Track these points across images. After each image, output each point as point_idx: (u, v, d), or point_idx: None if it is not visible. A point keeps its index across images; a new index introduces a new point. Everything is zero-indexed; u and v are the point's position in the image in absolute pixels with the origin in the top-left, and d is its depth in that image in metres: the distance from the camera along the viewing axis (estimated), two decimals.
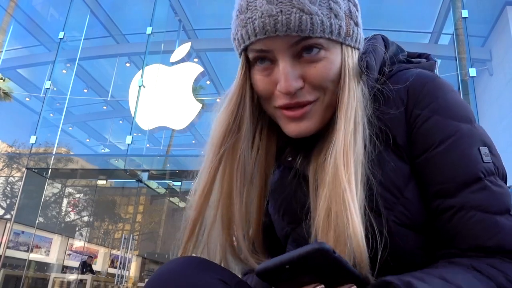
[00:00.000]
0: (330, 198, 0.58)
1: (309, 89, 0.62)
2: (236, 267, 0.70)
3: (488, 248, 0.54)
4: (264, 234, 0.73)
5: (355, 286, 0.46)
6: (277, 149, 0.73)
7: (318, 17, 0.59)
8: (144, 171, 8.94)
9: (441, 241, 0.59)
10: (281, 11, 0.58)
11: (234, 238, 0.67)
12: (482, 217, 0.55)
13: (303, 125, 0.63)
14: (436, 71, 0.73)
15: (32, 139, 8.35)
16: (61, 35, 9.19)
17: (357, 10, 0.66)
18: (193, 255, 0.66)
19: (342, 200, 0.56)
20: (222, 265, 0.67)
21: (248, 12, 0.61)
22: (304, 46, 0.60)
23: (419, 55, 0.76)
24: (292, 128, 0.64)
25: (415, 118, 0.62)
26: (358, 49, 0.67)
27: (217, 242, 0.68)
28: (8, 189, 12.24)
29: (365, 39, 0.71)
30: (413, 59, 0.73)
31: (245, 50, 0.65)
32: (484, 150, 0.59)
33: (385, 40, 0.73)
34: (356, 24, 0.65)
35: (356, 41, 0.65)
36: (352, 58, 0.64)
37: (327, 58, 0.61)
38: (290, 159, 0.70)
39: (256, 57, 0.64)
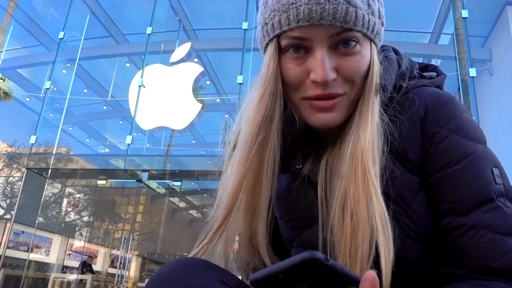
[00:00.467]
0: (348, 192, 0.59)
1: (341, 81, 0.61)
2: (235, 268, 0.70)
3: (494, 269, 0.54)
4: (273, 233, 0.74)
5: None
6: (286, 154, 0.71)
7: (361, 11, 0.59)
8: (144, 171, 8.95)
9: (448, 258, 0.59)
10: (329, 0, 0.57)
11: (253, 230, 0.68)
12: (492, 237, 0.55)
13: (331, 116, 0.63)
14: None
15: (32, 139, 8.35)
16: (61, 35, 9.19)
17: (383, 11, 0.66)
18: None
19: (364, 189, 0.57)
20: (232, 257, 0.69)
21: None
22: (343, 38, 0.60)
23: (426, 66, 0.77)
24: (319, 117, 0.63)
25: (432, 135, 0.62)
26: (377, 49, 0.68)
27: (237, 230, 0.68)
28: (8, 189, 12.24)
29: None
30: (425, 73, 0.73)
31: (278, 36, 0.63)
32: (496, 171, 0.60)
33: (396, 52, 0.74)
34: (382, 24, 0.66)
35: (380, 41, 0.67)
36: (376, 56, 0.65)
37: (360, 53, 0.62)
38: (299, 166, 0.69)
39: (290, 44, 0.62)
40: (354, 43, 0.61)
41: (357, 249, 0.57)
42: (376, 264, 0.56)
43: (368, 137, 0.60)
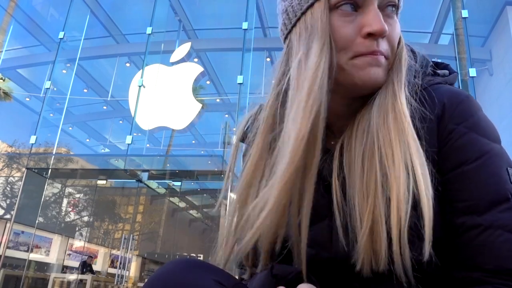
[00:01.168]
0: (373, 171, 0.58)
1: (385, 44, 0.63)
2: (234, 268, 0.70)
3: (510, 270, 0.53)
4: None
5: None
6: None
7: None
8: (144, 171, 8.94)
9: (461, 260, 0.58)
10: None
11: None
12: (508, 237, 0.54)
13: (380, 71, 0.62)
14: None
15: (32, 139, 8.35)
16: (61, 35, 9.19)
17: None
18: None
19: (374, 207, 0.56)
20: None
21: None
22: (389, 1, 0.63)
23: (437, 64, 0.76)
24: (369, 72, 0.61)
25: (449, 132, 0.61)
26: None
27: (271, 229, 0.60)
28: (8, 189, 12.24)
29: None
30: (438, 71, 0.73)
31: None
32: (511, 171, 0.59)
33: (411, 48, 0.73)
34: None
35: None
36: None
37: (397, 20, 0.65)
38: None
39: (341, 1, 0.61)
40: (397, 9, 0.65)
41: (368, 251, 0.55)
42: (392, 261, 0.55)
43: (402, 98, 0.60)
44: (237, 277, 0.72)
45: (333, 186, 0.63)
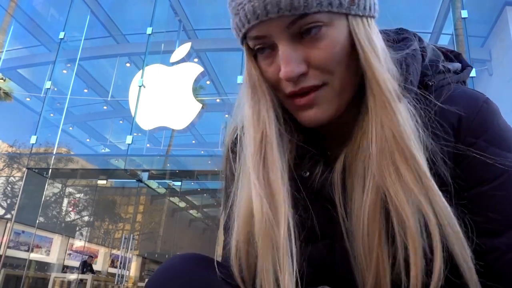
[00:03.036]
0: (383, 191, 0.52)
1: (315, 72, 0.55)
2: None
3: None
4: None
5: None
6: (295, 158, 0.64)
7: None
8: (144, 171, 8.95)
9: (481, 277, 0.53)
10: None
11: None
12: None
13: (313, 113, 0.56)
14: None
15: (33, 139, 8.36)
16: (61, 35, 9.20)
17: None
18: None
19: (412, 178, 0.50)
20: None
21: None
22: (302, 26, 0.53)
23: (446, 54, 0.68)
24: (304, 118, 0.57)
25: (467, 145, 0.55)
26: (371, 16, 0.58)
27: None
28: (9, 189, 12.24)
29: (393, 31, 0.65)
30: (450, 66, 0.64)
31: (245, 39, 0.58)
32: None
33: (419, 40, 0.65)
34: None
35: (365, 8, 0.56)
36: (364, 27, 0.56)
37: (330, 35, 0.54)
38: (306, 174, 0.61)
39: (255, 45, 0.57)
40: (318, 27, 0.53)
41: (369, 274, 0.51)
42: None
43: (398, 116, 0.52)
44: None
45: (338, 208, 0.57)
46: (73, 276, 9.53)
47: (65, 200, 13.07)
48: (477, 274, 0.52)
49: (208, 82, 10.37)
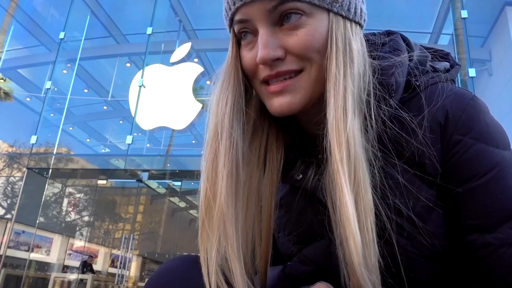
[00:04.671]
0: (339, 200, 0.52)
1: (292, 59, 0.56)
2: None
3: None
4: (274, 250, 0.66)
5: None
6: (285, 162, 0.65)
7: None
8: (144, 171, 8.95)
9: (473, 275, 0.54)
10: None
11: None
12: None
13: (285, 100, 0.57)
14: None
15: (33, 139, 8.36)
16: (61, 35, 9.20)
17: None
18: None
19: (342, 194, 0.51)
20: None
21: None
22: (282, 12, 0.55)
23: (434, 53, 0.68)
24: (275, 104, 0.57)
25: (455, 144, 0.56)
26: (357, 23, 0.60)
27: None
28: (9, 189, 12.24)
29: (381, 33, 0.67)
30: (437, 66, 0.65)
31: (232, 25, 0.61)
32: None
33: (405, 40, 0.66)
34: None
35: (349, 10, 0.58)
36: (343, 29, 0.57)
37: (309, 25, 0.55)
38: (299, 177, 0.62)
39: (239, 31, 0.59)
40: (299, 15, 0.55)
41: (359, 260, 0.50)
42: (389, 270, 0.53)
43: (336, 132, 0.53)
44: None
45: (330, 211, 0.57)
46: (73, 276, 9.53)
47: (65, 200, 13.07)
48: (468, 268, 0.54)
49: (208, 82, 10.34)
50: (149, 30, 8.81)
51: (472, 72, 7.17)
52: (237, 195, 0.58)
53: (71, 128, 12.11)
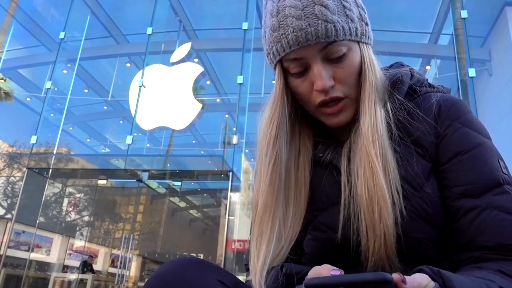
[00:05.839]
0: (365, 181, 0.66)
1: (339, 86, 0.71)
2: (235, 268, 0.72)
3: (509, 245, 0.59)
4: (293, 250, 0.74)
5: None
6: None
7: (339, 24, 0.69)
8: (144, 171, 8.96)
9: (461, 242, 0.64)
10: (309, 24, 0.67)
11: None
12: (505, 217, 0.61)
13: (342, 117, 0.73)
14: (436, 72, 0.84)
15: (33, 139, 8.36)
16: (61, 35, 9.21)
17: (365, 13, 0.77)
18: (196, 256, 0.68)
19: (374, 179, 0.65)
20: (233, 256, 0.72)
21: (280, 30, 0.70)
22: (331, 50, 0.69)
23: (431, 85, 0.86)
24: (333, 121, 0.74)
25: (446, 127, 0.71)
26: (370, 44, 0.77)
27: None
28: (9, 189, 12.24)
29: (392, 66, 0.84)
30: (434, 85, 0.83)
31: (280, 61, 0.73)
32: (501, 163, 0.67)
33: (409, 67, 0.84)
34: (367, 24, 0.76)
35: (368, 38, 0.76)
36: (368, 53, 0.75)
37: (350, 57, 0.71)
38: (321, 154, 0.77)
39: (291, 67, 0.72)
40: (343, 51, 0.70)
41: (374, 225, 0.63)
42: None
43: (367, 124, 0.69)
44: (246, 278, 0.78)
45: (342, 175, 0.72)
46: (73, 276, 9.53)
47: (65, 200, 13.07)
48: (458, 238, 0.64)
49: (208, 82, 10.37)
50: (149, 30, 8.81)
51: (472, 72, 7.17)
52: (278, 200, 0.73)
53: (71, 128, 12.12)
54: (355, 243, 0.66)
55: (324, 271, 0.53)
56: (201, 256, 11.45)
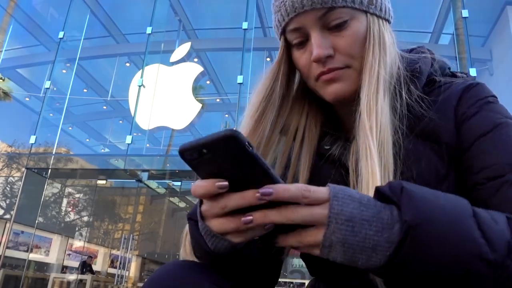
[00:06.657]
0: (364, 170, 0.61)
1: (340, 57, 0.67)
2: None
3: None
4: None
5: (272, 189, 0.43)
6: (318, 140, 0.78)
7: None
8: (144, 171, 8.94)
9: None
10: None
11: None
12: None
13: (337, 87, 0.68)
14: None
15: (32, 139, 8.35)
16: (61, 34, 9.19)
17: None
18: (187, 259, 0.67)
19: (368, 168, 0.59)
20: None
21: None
22: (330, 17, 0.66)
23: (453, 74, 0.79)
24: (329, 91, 0.69)
25: (462, 114, 0.66)
26: (386, 20, 0.72)
27: None
28: (8, 189, 12.25)
29: (412, 50, 0.79)
30: (457, 73, 0.78)
31: (283, 33, 0.71)
32: None
33: (431, 53, 0.79)
34: None
35: (381, 10, 0.70)
36: (378, 26, 0.69)
37: (353, 27, 0.67)
38: (327, 147, 0.74)
39: (293, 39, 0.70)
40: (344, 20, 0.66)
41: None
42: None
43: (366, 101, 0.64)
44: None
45: (350, 174, 0.68)
46: (72, 277, 9.52)
47: (65, 200, 13.07)
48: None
49: (208, 82, 10.36)
50: (148, 30, 8.80)
51: (472, 71, 7.16)
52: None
53: (70, 128, 12.11)
54: None
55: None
56: None
